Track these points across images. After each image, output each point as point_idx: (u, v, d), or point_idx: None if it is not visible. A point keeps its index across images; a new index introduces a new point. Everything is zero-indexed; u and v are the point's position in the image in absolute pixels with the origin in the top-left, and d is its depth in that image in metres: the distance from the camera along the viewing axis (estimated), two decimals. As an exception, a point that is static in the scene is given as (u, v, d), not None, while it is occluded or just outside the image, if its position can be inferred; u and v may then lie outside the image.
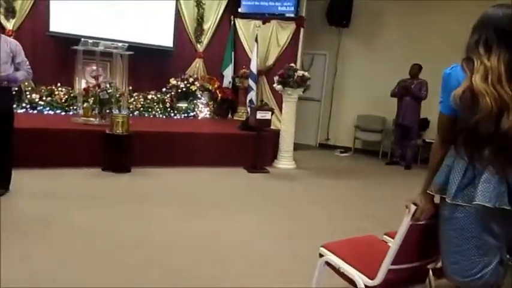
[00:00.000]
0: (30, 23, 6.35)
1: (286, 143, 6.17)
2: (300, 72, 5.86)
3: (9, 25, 6.18)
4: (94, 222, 3.41)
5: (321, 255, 2.25)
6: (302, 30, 7.16)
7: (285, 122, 6.15)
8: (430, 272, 2.14)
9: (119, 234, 3.19)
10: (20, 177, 4.13)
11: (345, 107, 8.22)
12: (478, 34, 1.57)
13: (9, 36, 6.13)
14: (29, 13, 6.32)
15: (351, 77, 8.10)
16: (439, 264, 2.03)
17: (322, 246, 2.27)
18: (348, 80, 8.14)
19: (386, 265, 1.87)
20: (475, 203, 1.51)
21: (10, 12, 6.17)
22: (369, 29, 7.80)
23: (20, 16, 6.26)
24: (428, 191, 1.74)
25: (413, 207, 1.76)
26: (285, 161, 6.19)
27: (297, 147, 7.28)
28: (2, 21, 6.14)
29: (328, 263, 2.20)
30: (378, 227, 3.46)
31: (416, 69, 6.83)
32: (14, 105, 5.88)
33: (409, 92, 6.77)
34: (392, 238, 2.37)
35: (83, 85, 5.98)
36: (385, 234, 2.55)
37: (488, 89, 1.46)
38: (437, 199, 1.75)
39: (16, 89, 5.98)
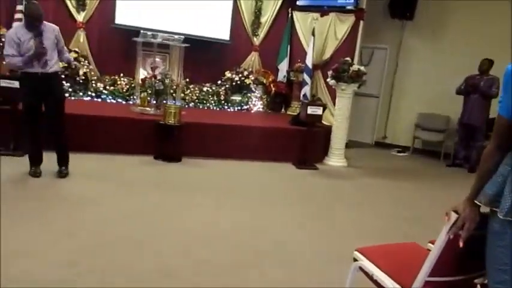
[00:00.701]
0: (98, 15, 6.73)
1: (338, 139, 5.99)
2: (355, 67, 5.65)
3: (80, 17, 6.61)
4: (139, 207, 3.55)
5: (355, 260, 2.15)
6: (362, 23, 6.87)
7: (338, 118, 5.96)
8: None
9: (162, 222, 3.30)
10: (78, 160, 4.43)
11: (405, 104, 7.80)
12: None
13: (80, 28, 6.59)
14: (98, 6, 6.69)
15: (413, 73, 7.65)
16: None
17: (356, 250, 2.17)
18: (410, 76, 7.70)
19: (422, 276, 1.73)
20: None
21: (81, 6, 6.58)
22: (435, 21, 7.30)
23: (90, 9, 6.65)
24: (476, 201, 1.57)
25: (454, 216, 1.61)
26: (335, 158, 6.02)
27: (351, 144, 7.06)
28: (73, 14, 6.57)
29: (361, 268, 2.09)
30: (427, 234, 3.24)
31: (486, 64, 6.29)
32: (81, 93, 6.36)
33: (477, 89, 6.27)
34: (437, 247, 2.22)
35: (142, 76, 6.23)
36: (430, 242, 2.38)
37: None
38: (485, 207, 1.58)
39: (83, 78, 6.42)
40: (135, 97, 6.39)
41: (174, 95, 6.25)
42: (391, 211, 4.25)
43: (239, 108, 7.31)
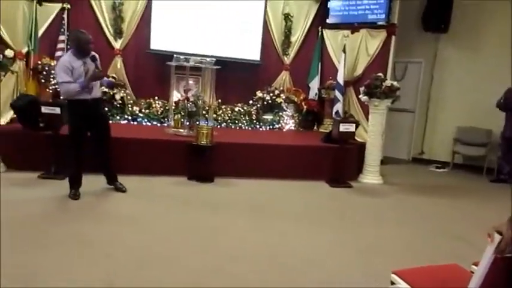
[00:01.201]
0: (134, 42, 7.02)
1: (372, 156, 5.85)
2: (388, 82, 5.54)
3: (117, 45, 6.91)
4: (175, 227, 3.60)
5: (392, 283, 2.06)
6: (394, 38, 6.77)
7: (372, 134, 5.84)
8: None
9: (197, 241, 3.33)
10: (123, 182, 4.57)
11: (442, 118, 7.55)
12: None
13: (117, 54, 6.89)
14: (134, 33, 6.99)
15: (449, 86, 7.42)
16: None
17: (394, 273, 2.08)
18: (446, 89, 7.47)
19: (465, 302, 1.63)
20: None
21: (118, 33, 6.90)
22: (471, 32, 7.09)
23: (126, 36, 6.95)
24: None
25: (497, 237, 1.52)
26: (370, 176, 5.87)
27: (387, 161, 6.89)
28: (111, 41, 6.89)
29: (400, 292, 2.01)
30: (471, 255, 3.08)
31: (529, 76, 6.03)
32: (118, 117, 6.59)
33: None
34: (482, 269, 2.09)
35: (176, 98, 6.40)
36: (474, 264, 2.25)
37: None
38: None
39: (120, 102, 6.66)
40: (169, 119, 6.56)
41: (206, 116, 6.36)
42: (431, 230, 4.07)
43: (271, 127, 7.32)
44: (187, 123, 5.84)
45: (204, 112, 6.30)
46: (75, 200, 4.10)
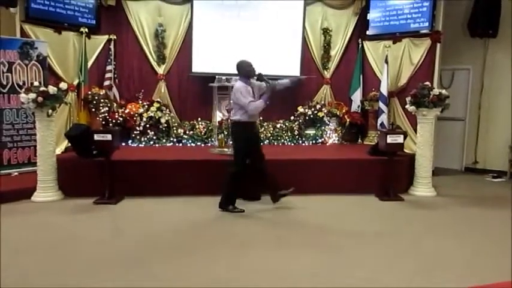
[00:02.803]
0: (176, 67, 7.27)
1: (423, 168, 5.62)
2: (436, 91, 5.34)
3: (161, 70, 7.17)
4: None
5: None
6: (439, 45, 6.56)
7: (421, 145, 5.62)
8: None
9: (252, 260, 3.29)
10: (167, 204, 4.66)
11: (496, 125, 7.15)
12: None
13: (161, 79, 7.14)
14: (176, 58, 7.23)
15: (501, 92, 7.05)
16: None
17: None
18: (498, 96, 7.09)
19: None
20: None
21: (161, 59, 7.17)
22: (522, 36, 6.75)
23: (169, 61, 7.21)
24: None
25: None
26: (422, 188, 5.63)
27: (438, 172, 6.60)
28: (155, 67, 7.16)
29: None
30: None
31: None
32: (164, 140, 6.77)
33: None
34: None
35: (219, 118, 6.50)
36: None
37: None
38: None
39: (166, 125, 6.86)
40: (213, 139, 6.67)
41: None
42: (492, 244, 3.79)
43: (314, 142, 7.26)
44: (231, 142, 5.89)
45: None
46: (241, 212, 4.60)
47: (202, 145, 6.83)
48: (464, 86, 7.43)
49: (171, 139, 6.91)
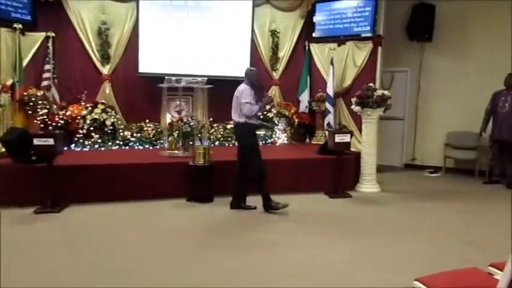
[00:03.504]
0: (122, 66, 6.99)
1: (368, 165, 5.89)
2: (379, 92, 5.63)
3: (105, 70, 6.87)
4: (177, 250, 3.52)
5: (415, 290, 2.05)
6: (380, 48, 6.91)
7: (366, 143, 5.90)
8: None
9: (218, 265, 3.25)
10: (116, 209, 4.47)
11: (432, 124, 7.67)
12: None
13: (105, 80, 6.84)
14: (122, 58, 6.96)
15: (436, 93, 7.57)
16: None
17: (416, 280, 2.07)
18: (434, 96, 7.61)
19: (495, 304, 1.63)
20: None
21: (106, 59, 6.87)
22: (454, 40, 7.29)
23: (114, 61, 6.93)
24: None
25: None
26: (368, 184, 5.90)
27: (381, 169, 6.93)
28: (98, 67, 6.85)
29: (423, 299, 1.99)
30: (481, 256, 3.11)
31: (511, 79, 6.20)
32: (109, 143, 6.49)
33: (506, 104, 6.18)
34: (499, 269, 2.10)
35: (168, 120, 6.36)
36: (491, 265, 2.27)
37: None
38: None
39: (111, 127, 6.59)
40: (162, 141, 6.51)
41: (199, 135, 6.33)
42: (439, 235, 4.08)
43: (264, 142, 7.32)
44: (182, 144, 5.80)
45: (197, 132, 6.27)
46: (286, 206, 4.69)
47: (151, 148, 6.64)
48: (403, 87, 7.89)
49: (117, 142, 6.63)
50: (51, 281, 2.90)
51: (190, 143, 5.81)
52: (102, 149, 6.44)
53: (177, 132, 5.95)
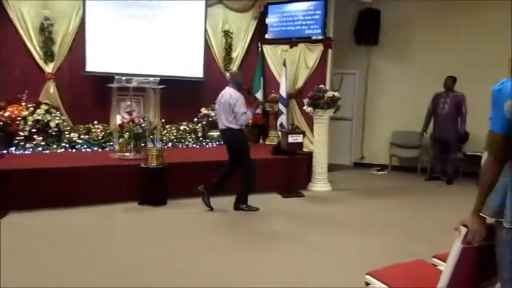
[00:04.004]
0: (67, 65, 6.67)
1: (320, 165, 6.06)
2: (329, 93, 5.81)
3: (49, 68, 6.52)
4: (135, 257, 3.42)
5: (367, 284, 2.14)
6: (330, 51, 7.13)
7: (318, 143, 6.06)
8: (488, 297, 1.97)
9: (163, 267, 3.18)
10: (62, 216, 4.26)
11: (378, 124, 8.04)
12: None
13: (49, 79, 6.50)
14: (67, 56, 6.64)
15: (382, 94, 7.94)
16: (497, 287, 1.88)
17: (367, 274, 2.16)
18: (380, 97, 7.98)
19: (440, 293, 1.74)
20: None
21: (49, 56, 6.52)
22: (399, 44, 7.68)
23: (59, 59, 6.59)
24: (481, 214, 1.62)
25: (464, 230, 1.65)
26: (320, 184, 6.07)
27: (332, 168, 7.15)
28: (41, 65, 6.48)
29: (375, 292, 2.08)
30: (425, 248, 3.29)
31: (450, 81, 6.64)
32: (54, 146, 6.19)
33: (446, 105, 6.61)
34: (442, 260, 2.24)
35: (118, 121, 6.16)
36: (434, 256, 2.41)
37: None
38: (490, 218, 1.63)
39: (56, 129, 6.27)
40: (112, 143, 6.29)
41: (152, 137, 6.19)
42: (387, 230, 4.28)
43: (218, 143, 7.29)
44: (134, 145, 5.64)
45: (149, 133, 6.13)
46: (256, 210, 4.84)
47: (100, 150, 6.39)
48: (351, 88, 8.19)
49: (63, 144, 6.31)
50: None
51: (142, 144, 5.66)
52: (47, 151, 6.11)
53: (128, 133, 5.77)
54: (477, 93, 6.51)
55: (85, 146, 6.40)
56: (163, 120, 6.83)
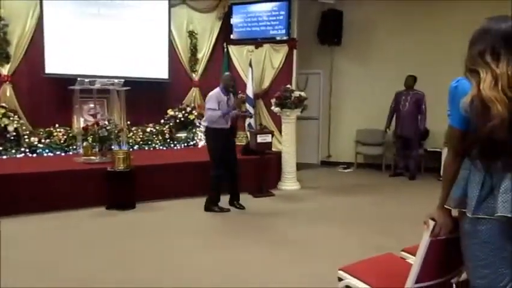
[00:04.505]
0: (25, 66, 6.38)
1: (288, 164, 6.14)
2: (296, 93, 5.89)
3: (4, 70, 6.22)
4: (96, 266, 3.33)
5: (340, 279, 2.19)
6: (295, 51, 7.22)
7: (286, 143, 6.13)
8: (454, 287, 2.07)
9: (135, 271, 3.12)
10: (28, 223, 4.08)
11: (343, 123, 8.23)
12: (482, 44, 1.56)
13: (5, 81, 6.20)
14: (24, 57, 6.36)
15: (346, 93, 8.13)
16: (463, 277, 1.98)
17: (340, 269, 2.21)
18: (344, 96, 8.17)
19: (410, 284, 1.81)
20: (497, 215, 1.48)
21: (4, 58, 6.22)
22: (361, 44, 7.88)
23: (15, 60, 6.30)
24: (446, 206, 1.69)
25: (431, 223, 1.72)
26: (289, 182, 6.14)
27: (300, 166, 7.25)
28: (-4, 67, 6.18)
29: (348, 287, 2.13)
30: (393, 242, 3.40)
31: (410, 80, 6.89)
32: (13, 151, 5.92)
33: (406, 103, 6.84)
34: (410, 254, 2.33)
35: (82, 124, 5.97)
36: (403, 250, 2.50)
37: (498, 96, 1.46)
38: (455, 212, 1.71)
39: (14, 133, 6.00)
40: (75, 147, 6.09)
41: (118, 139, 6.04)
42: (355, 226, 4.38)
43: (186, 144, 7.24)
44: (99, 149, 5.48)
45: (114, 136, 5.98)
46: (227, 211, 4.83)
47: (63, 154, 6.17)
48: (317, 88, 8.34)
49: (23, 149, 6.05)
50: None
51: (108, 148, 5.52)
52: (5, 156, 5.83)
53: (92, 136, 5.60)
54: (436, 92, 6.81)
55: (46, 151, 6.17)
56: (128, 122, 6.68)
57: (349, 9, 7.77)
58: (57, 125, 6.44)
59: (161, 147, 7.02)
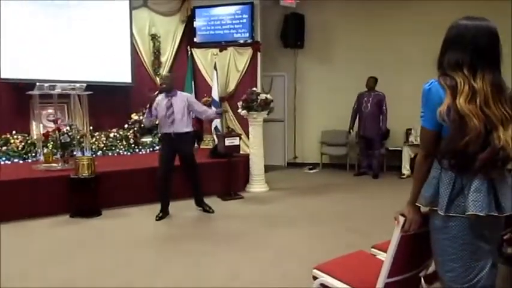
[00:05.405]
0: (-23, 71, 6.04)
1: (257, 166, 6.17)
2: (262, 96, 5.94)
3: (-46, 75, 5.87)
4: (71, 275, 3.22)
5: (314, 278, 2.23)
6: (259, 54, 7.29)
7: (254, 145, 6.17)
8: (422, 280, 2.17)
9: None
10: None
11: (308, 124, 8.37)
12: (459, 53, 1.60)
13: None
14: (-24, 61, 6.02)
15: (311, 95, 8.28)
16: (430, 269, 2.08)
17: (315, 268, 2.26)
18: (309, 98, 8.31)
19: (382, 279, 1.88)
20: (468, 213, 1.55)
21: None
22: (323, 47, 8.05)
23: (-34, 65, 5.95)
24: (417, 204, 1.75)
25: (402, 219, 1.79)
26: (257, 185, 6.18)
27: (267, 168, 7.30)
28: None
29: (323, 285, 2.19)
30: (362, 239, 3.52)
31: (372, 81, 7.11)
32: None
33: (368, 104, 7.07)
34: (380, 250, 2.42)
35: (41, 130, 5.73)
36: (373, 247, 2.58)
37: (474, 111, 1.50)
38: (424, 207, 1.78)
39: None
40: (34, 154, 5.84)
41: (80, 145, 5.84)
42: (324, 225, 4.47)
43: (151, 149, 7.11)
44: (61, 155, 5.28)
45: (76, 142, 5.78)
46: (156, 220, 4.61)
47: (21, 162, 5.89)
48: (281, 90, 8.43)
49: (-24, 158, 5.73)
50: None
51: (71, 154, 5.33)
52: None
53: (53, 143, 5.39)
54: (396, 93, 7.11)
55: (3, 158, 5.88)
56: (91, 127, 6.48)
57: (311, 12, 7.92)
58: (14, 132, 6.14)
59: (126, 153, 6.86)
